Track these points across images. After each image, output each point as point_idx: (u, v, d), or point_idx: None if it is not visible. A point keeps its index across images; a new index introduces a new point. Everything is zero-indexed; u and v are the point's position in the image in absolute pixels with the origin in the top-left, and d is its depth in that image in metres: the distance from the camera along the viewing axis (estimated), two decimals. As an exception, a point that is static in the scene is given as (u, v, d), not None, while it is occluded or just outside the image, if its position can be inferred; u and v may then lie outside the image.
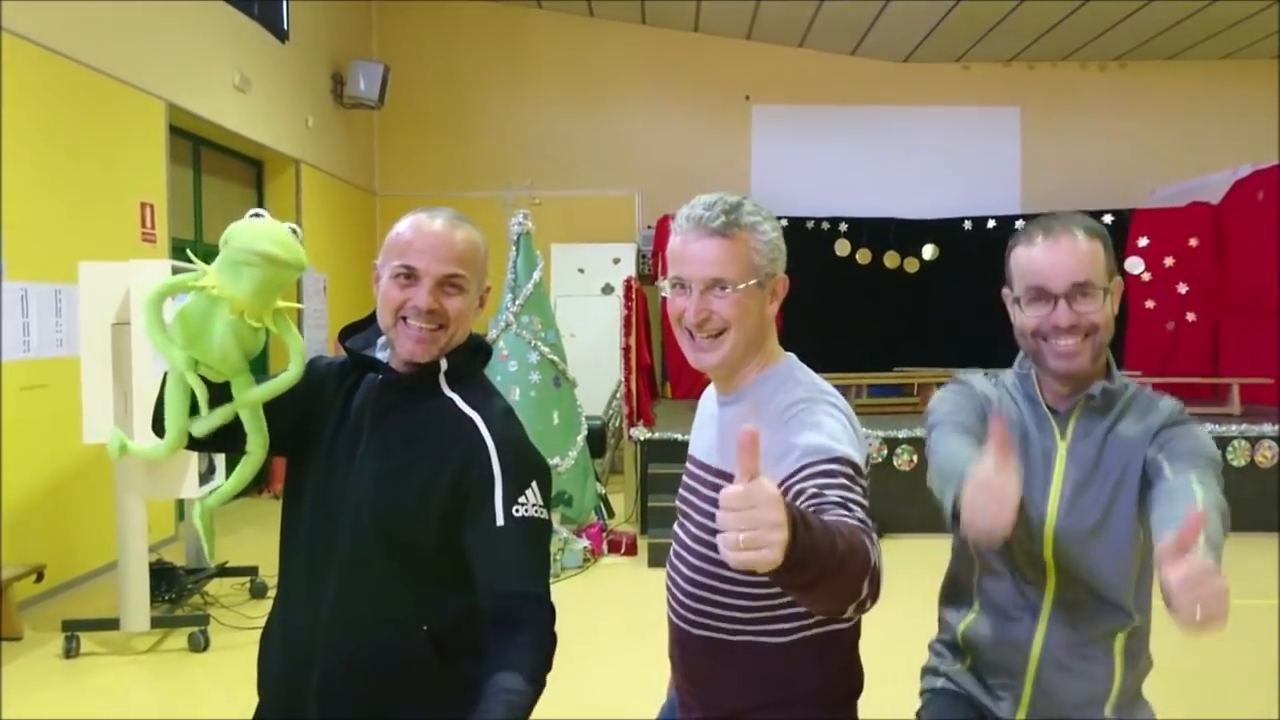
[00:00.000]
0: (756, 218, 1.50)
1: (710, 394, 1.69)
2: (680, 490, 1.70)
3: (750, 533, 1.02)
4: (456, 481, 1.47)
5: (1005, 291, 1.66)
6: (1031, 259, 1.59)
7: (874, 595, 1.21)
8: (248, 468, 1.50)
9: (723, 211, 1.47)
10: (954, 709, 1.74)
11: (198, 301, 1.41)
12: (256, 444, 1.49)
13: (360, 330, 1.64)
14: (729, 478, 1.16)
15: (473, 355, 1.61)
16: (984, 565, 1.70)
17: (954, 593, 1.81)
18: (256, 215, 1.44)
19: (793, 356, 1.60)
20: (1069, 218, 1.62)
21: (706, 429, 1.67)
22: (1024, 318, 1.60)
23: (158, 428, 1.48)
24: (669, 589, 1.64)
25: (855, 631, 1.59)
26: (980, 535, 1.37)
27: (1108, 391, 1.61)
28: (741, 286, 1.47)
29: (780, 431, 1.42)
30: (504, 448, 1.50)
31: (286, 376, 1.48)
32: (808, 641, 1.51)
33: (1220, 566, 1.26)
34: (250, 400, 1.47)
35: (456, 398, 1.54)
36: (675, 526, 1.68)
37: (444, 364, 1.54)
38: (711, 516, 1.31)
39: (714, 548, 1.21)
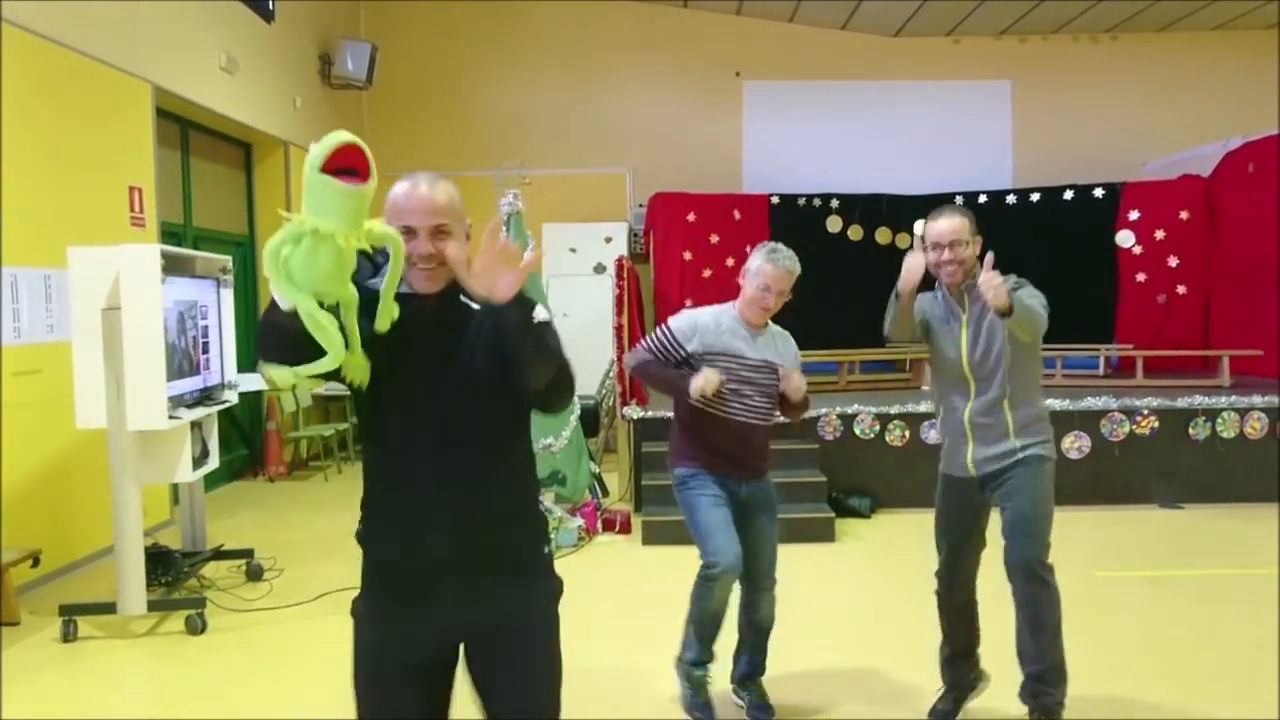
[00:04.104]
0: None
1: (738, 321, 3.38)
2: (731, 374, 3.32)
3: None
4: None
5: (918, 241, 3.15)
6: (932, 227, 3.10)
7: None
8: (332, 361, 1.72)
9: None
10: (947, 492, 3.33)
11: (305, 244, 1.61)
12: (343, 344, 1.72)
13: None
14: (770, 366, 3.36)
15: None
16: (941, 393, 3.28)
17: (936, 416, 3.38)
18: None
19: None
20: (953, 206, 3.13)
21: (743, 340, 3.35)
22: (928, 256, 3.11)
23: (276, 353, 1.72)
24: (740, 415, 3.32)
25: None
26: (905, 281, 3.07)
27: (971, 285, 3.09)
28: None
29: (785, 342, 3.47)
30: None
31: (392, 277, 1.79)
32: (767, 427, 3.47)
33: (1019, 303, 2.88)
34: (388, 317, 1.81)
35: (472, 301, 1.92)
36: (729, 401, 3.31)
37: None
38: (752, 381, 3.32)
39: (756, 395, 3.34)
